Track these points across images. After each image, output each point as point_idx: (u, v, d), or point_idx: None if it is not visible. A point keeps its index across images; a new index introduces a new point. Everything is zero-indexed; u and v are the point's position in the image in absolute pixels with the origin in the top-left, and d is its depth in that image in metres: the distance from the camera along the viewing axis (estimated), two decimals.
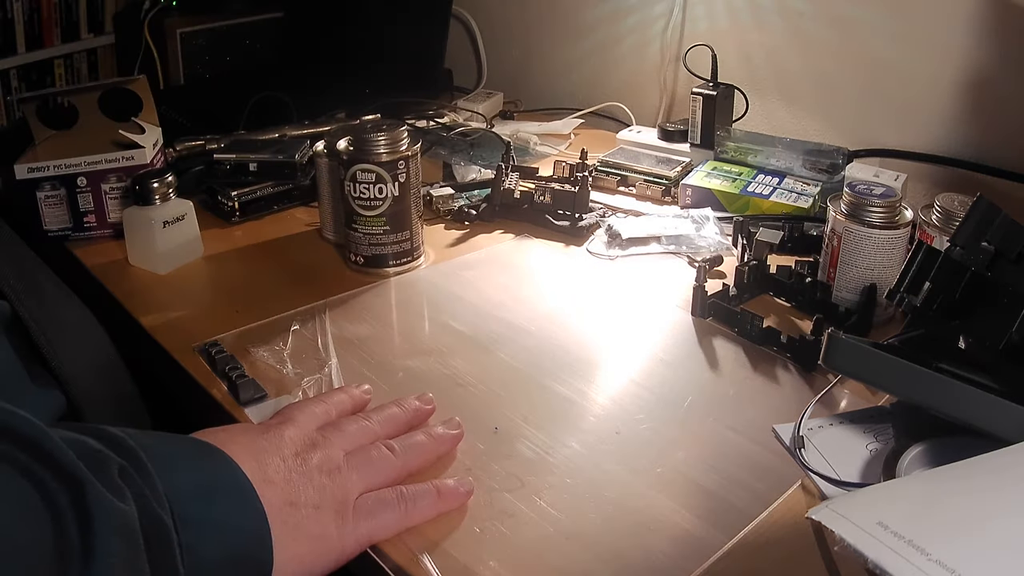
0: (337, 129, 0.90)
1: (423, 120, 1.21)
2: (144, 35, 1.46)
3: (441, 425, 0.56)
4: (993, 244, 0.58)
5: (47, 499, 0.34)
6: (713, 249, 0.83)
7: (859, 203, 0.68)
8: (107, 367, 0.60)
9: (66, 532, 0.34)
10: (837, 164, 0.91)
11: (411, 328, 0.72)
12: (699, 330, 0.70)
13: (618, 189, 0.99)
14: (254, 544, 0.42)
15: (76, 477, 0.35)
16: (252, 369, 0.63)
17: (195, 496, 0.40)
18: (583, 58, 1.31)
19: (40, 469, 0.35)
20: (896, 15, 0.95)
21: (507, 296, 0.76)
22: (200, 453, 0.44)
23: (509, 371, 0.65)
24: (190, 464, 0.43)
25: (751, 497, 0.51)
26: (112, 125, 0.90)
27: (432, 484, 0.50)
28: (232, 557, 0.41)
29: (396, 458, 0.51)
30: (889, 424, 0.57)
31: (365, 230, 0.78)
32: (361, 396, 0.58)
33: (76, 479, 0.35)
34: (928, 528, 0.39)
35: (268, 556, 0.43)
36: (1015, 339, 0.55)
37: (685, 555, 0.47)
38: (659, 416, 0.59)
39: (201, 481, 0.42)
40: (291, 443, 0.48)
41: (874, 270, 0.69)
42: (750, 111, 1.06)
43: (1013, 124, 0.88)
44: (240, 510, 0.42)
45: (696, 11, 1.14)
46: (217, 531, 0.41)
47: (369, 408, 0.57)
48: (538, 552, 0.47)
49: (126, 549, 0.35)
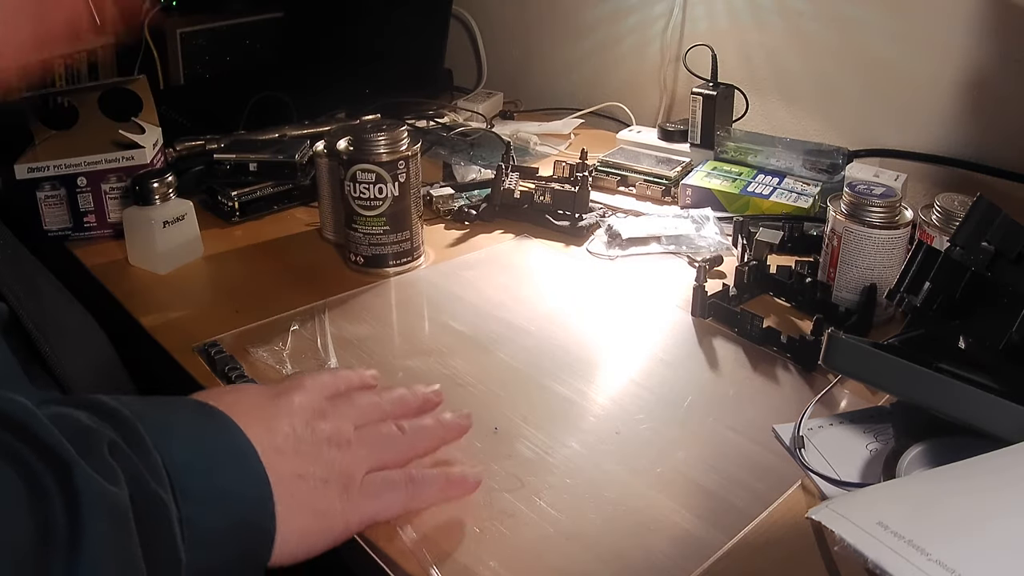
0: (337, 129, 0.90)
1: (423, 120, 1.21)
2: (144, 35, 1.46)
3: (449, 412, 0.55)
4: (993, 244, 0.58)
5: (32, 482, 0.33)
6: (713, 249, 0.83)
7: (859, 203, 0.68)
8: (107, 369, 0.60)
9: (52, 516, 0.33)
10: (837, 164, 0.91)
11: (411, 328, 0.72)
12: (699, 330, 0.70)
13: (618, 189, 0.99)
14: (257, 512, 0.41)
15: (63, 459, 0.34)
16: (251, 369, 0.63)
17: (194, 466, 0.39)
18: (583, 58, 1.31)
19: (27, 451, 0.34)
20: (896, 15, 0.95)
21: (507, 296, 0.76)
22: (199, 419, 0.43)
23: (509, 371, 0.65)
24: (188, 431, 0.41)
25: (751, 497, 0.51)
26: (112, 125, 0.90)
27: (441, 471, 0.50)
28: (234, 526, 0.40)
29: (404, 438, 0.50)
30: (889, 424, 0.57)
31: (365, 230, 0.78)
32: (368, 378, 0.57)
33: (63, 461, 0.34)
34: (928, 528, 0.39)
35: (271, 524, 0.42)
36: (1015, 339, 0.55)
37: (685, 555, 0.47)
38: (659, 416, 0.59)
39: (199, 449, 0.40)
40: (301, 410, 0.47)
41: (874, 270, 0.69)
42: (750, 111, 1.06)
43: (1013, 124, 0.88)
44: (241, 476, 0.41)
45: (696, 11, 1.14)
46: (218, 500, 0.40)
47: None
48: (538, 552, 0.47)
49: (115, 532, 0.35)
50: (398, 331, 0.71)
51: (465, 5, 1.43)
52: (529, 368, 0.65)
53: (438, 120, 1.21)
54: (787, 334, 0.66)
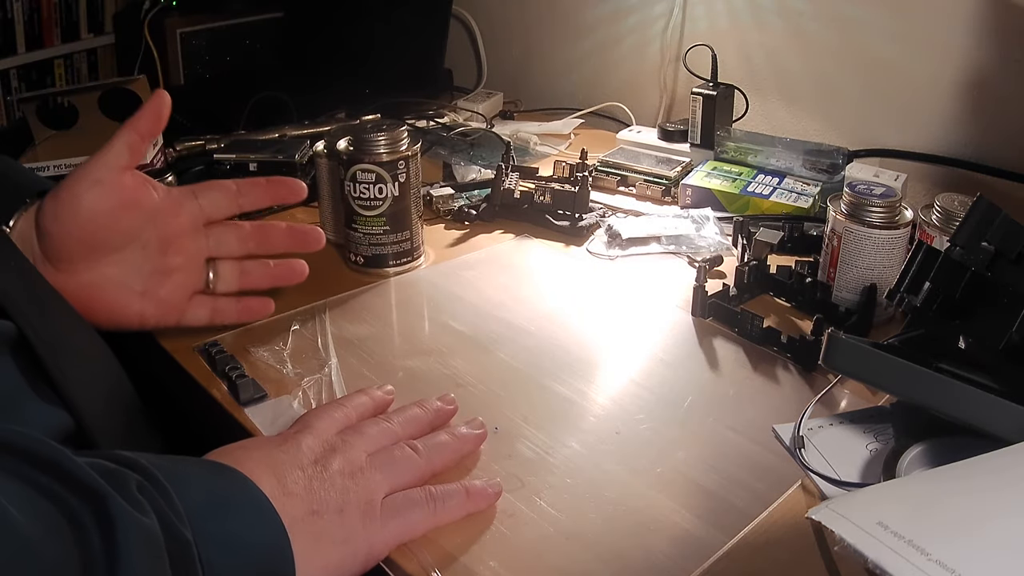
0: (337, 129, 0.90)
1: (423, 120, 1.21)
2: (144, 35, 1.46)
3: (464, 425, 0.55)
4: (993, 244, 0.58)
5: (70, 516, 0.34)
6: (713, 249, 0.83)
7: (859, 203, 0.68)
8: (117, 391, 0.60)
9: (90, 547, 0.34)
10: (837, 164, 0.91)
11: (411, 328, 0.72)
12: (699, 330, 0.71)
13: (618, 189, 0.99)
14: (276, 558, 0.42)
15: (97, 492, 0.35)
16: (252, 369, 0.63)
17: (212, 513, 0.40)
18: (583, 58, 1.32)
19: (61, 488, 0.35)
20: (896, 15, 0.95)
21: (507, 296, 0.76)
22: (214, 472, 0.44)
23: (509, 371, 0.65)
24: (204, 482, 0.42)
25: (751, 497, 0.51)
26: (112, 125, 0.90)
27: (461, 484, 0.50)
28: (254, 572, 0.41)
29: (420, 457, 0.51)
30: (889, 424, 0.57)
31: (365, 230, 0.78)
32: (383, 397, 0.57)
33: (97, 494, 0.35)
34: (928, 528, 0.39)
35: (290, 569, 0.42)
36: (1015, 339, 0.55)
37: (685, 555, 0.47)
38: (659, 416, 0.59)
39: (215, 498, 0.41)
40: (309, 451, 0.48)
41: (874, 270, 0.69)
42: (750, 111, 1.06)
43: (1013, 124, 0.88)
44: (257, 525, 0.42)
45: (696, 11, 1.14)
46: (236, 547, 0.41)
47: (391, 409, 0.57)
48: (538, 552, 0.47)
49: (150, 560, 0.35)
50: (398, 331, 0.71)
51: (465, 5, 1.43)
52: (529, 368, 0.65)
53: (438, 120, 1.21)
54: (787, 334, 0.66)
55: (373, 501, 0.47)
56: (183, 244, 0.66)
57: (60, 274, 0.60)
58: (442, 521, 0.48)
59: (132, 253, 0.63)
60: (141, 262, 0.64)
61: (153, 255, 0.64)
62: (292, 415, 0.58)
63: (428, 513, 0.48)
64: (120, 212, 0.61)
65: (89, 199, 0.60)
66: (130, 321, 0.64)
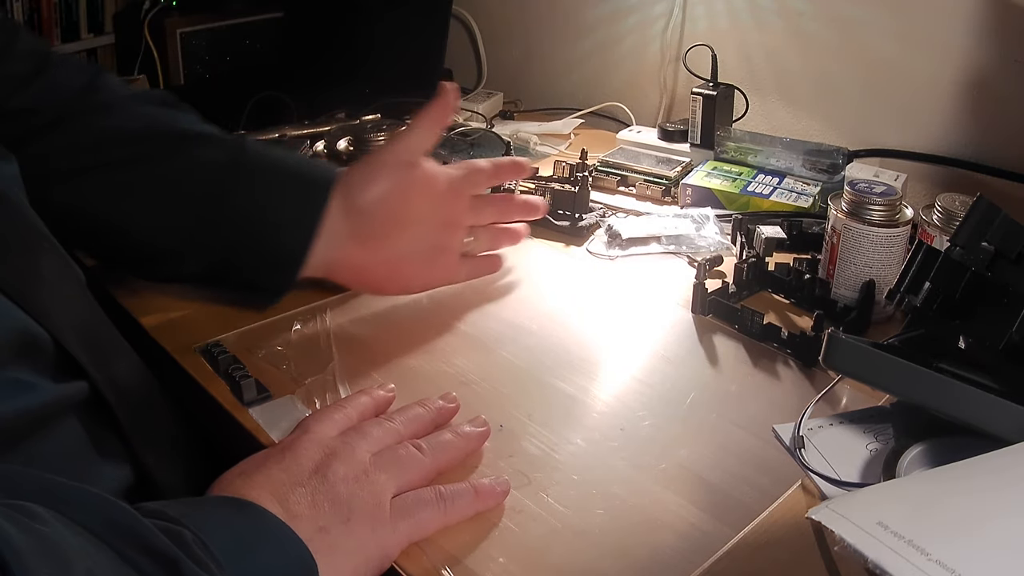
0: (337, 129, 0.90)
1: None
2: (144, 35, 1.46)
3: (467, 423, 0.56)
4: (993, 244, 0.58)
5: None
6: (713, 249, 0.83)
7: (859, 201, 0.68)
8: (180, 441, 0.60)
9: None
10: (837, 164, 0.91)
11: (412, 327, 0.72)
12: (700, 327, 0.71)
13: (618, 189, 0.99)
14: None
15: (169, 556, 0.36)
16: (254, 369, 0.63)
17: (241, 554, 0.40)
18: (583, 58, 1.32)
19: (136, 554, 0.35)
20: (896, 15, 0.95)
21: (508, 295, 0.76)
22: (231, 510, 0.43)
23: (512, 369, 0.65)
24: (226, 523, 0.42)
25: (755, 492, 0.52)
26: None
27: (469, 483, 0.50)
28: None
29: (425, 456, 0.51)
30: (889, 424, 0.57)
31: None
32: (384, 397, 0.57)
33: (167, 557, 0.36)
34: (928, 528, 0.39)
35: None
36: (1015, 339, 0.55)
37: (693, 550, 0.47)
38: (662, 413, 0.59)
39: (239, 537, 0.41)
40: (309, 461, 0.48)
41: (873, 268, 0.69)
42: (750, 111, 1.06)
43: (1013, 124, 0.89)
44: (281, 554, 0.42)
45: (696, 11, 1.14)
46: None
47: (392, 409, 0.57)
48: (546, 548, 0.48)
49: None
50: (400, 330, 0.71)
51: (465, 5, 1.43)
52: (532, 366, 0.65)
53: None
54: (787, 330, 0.66)
55: (381, 503, 0.47)
56: (460, 220, 0.73)
57: (366, 251, 0.68)
58: (452, 520, 0.49)
59: (422, 228, 0.69)
60: (429, 236, 0.70)
61: (438, 229, 0.71)
62: (296, 415, 0.58)
63: (439, 513, 0.48)
64: (424, 190, 0.68)
65: (400, 179, 0.67)
66: (415, 290, 0.73)
